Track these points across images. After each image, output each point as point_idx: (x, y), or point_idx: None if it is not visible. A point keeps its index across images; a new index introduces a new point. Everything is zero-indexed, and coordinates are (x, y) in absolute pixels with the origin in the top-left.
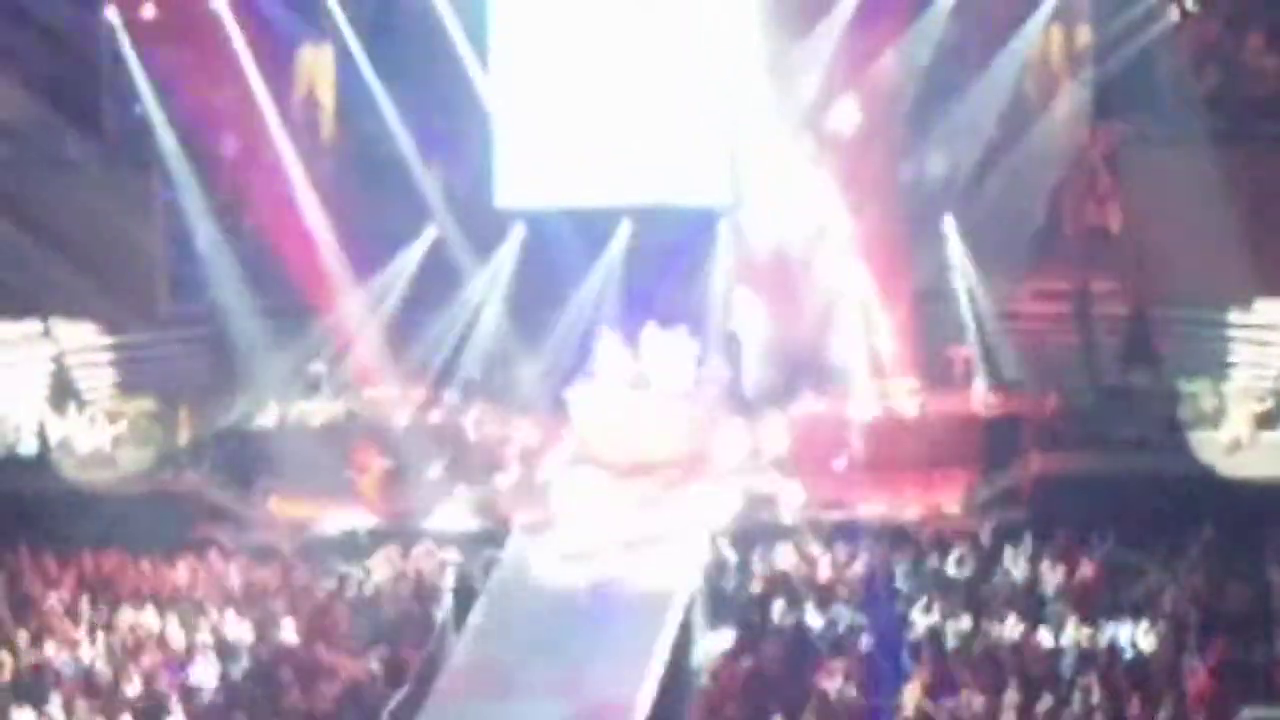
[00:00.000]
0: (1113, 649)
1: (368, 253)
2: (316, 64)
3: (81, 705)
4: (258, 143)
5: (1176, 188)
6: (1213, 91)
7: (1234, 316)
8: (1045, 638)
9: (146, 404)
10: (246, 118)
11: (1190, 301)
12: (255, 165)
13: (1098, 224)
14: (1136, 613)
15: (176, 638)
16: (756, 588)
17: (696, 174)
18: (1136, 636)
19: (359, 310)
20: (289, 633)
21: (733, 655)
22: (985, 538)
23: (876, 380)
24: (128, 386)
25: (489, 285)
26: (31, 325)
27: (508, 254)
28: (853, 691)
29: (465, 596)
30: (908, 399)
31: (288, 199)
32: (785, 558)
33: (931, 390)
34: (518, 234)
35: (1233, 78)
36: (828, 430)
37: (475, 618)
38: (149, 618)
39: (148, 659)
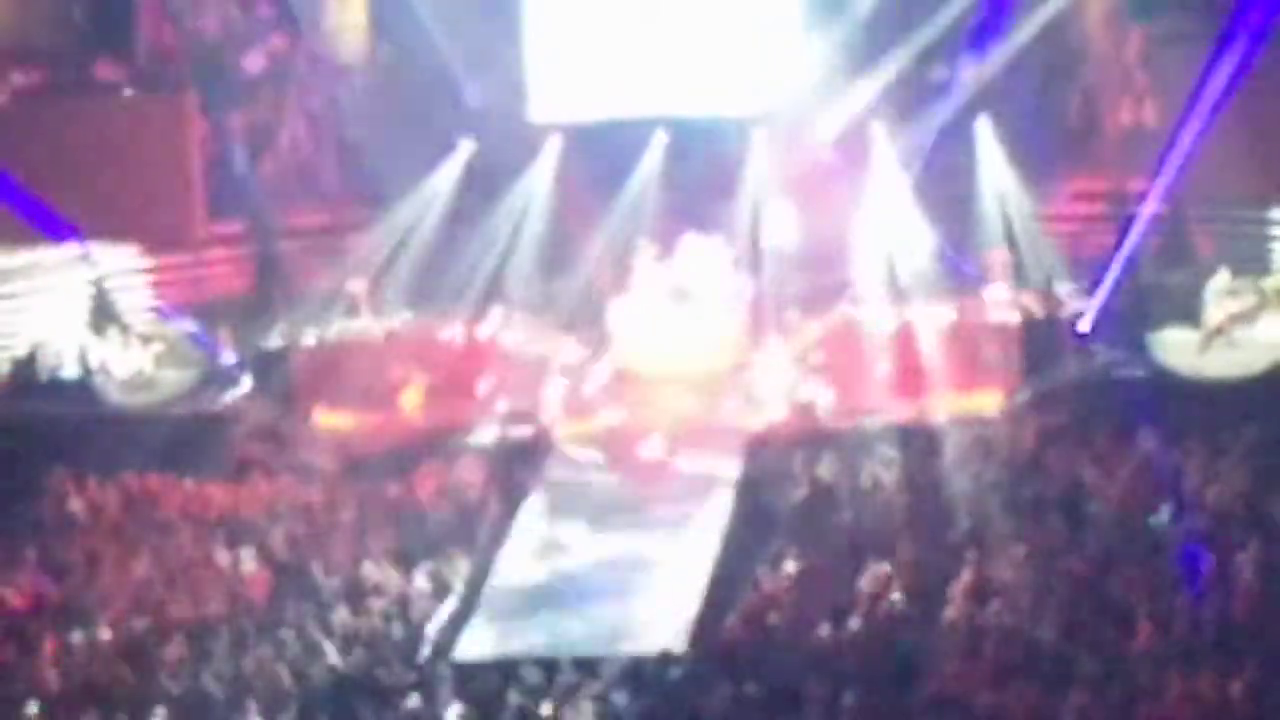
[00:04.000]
0: (1156, 549)
1: (403, 169)
2: None
3: (131, 627)
4: (292, 59)
5: (1212, 85)
6: None
7: (1273, 214)
8: (1088, 539)
9: (186, 325)
10: (280, 34)
11: (1229, 200)
12: (289, 82)
13: (1134, 123)
14: (1179, 514)
15: (222, 558)
16: (798, 495)
17: (732, 83)
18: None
19: (397, 227)
20: (334, 550)
21: (776, 562)
22: (1026, 441)
23: (913, 286)
24: (168, 308)
25: (526, 200)
26: (70, 249)
27: (544, 168)
28: (898, 595)
29: (509, 511)
30: (945, 304)
31: (322, 116)
32: (826, 465)
33: (969, 294)
34: (553, 147)
35: None
36: (865, 337)
37: (519, 532)
38: (194, 538)
39: (194, 580)
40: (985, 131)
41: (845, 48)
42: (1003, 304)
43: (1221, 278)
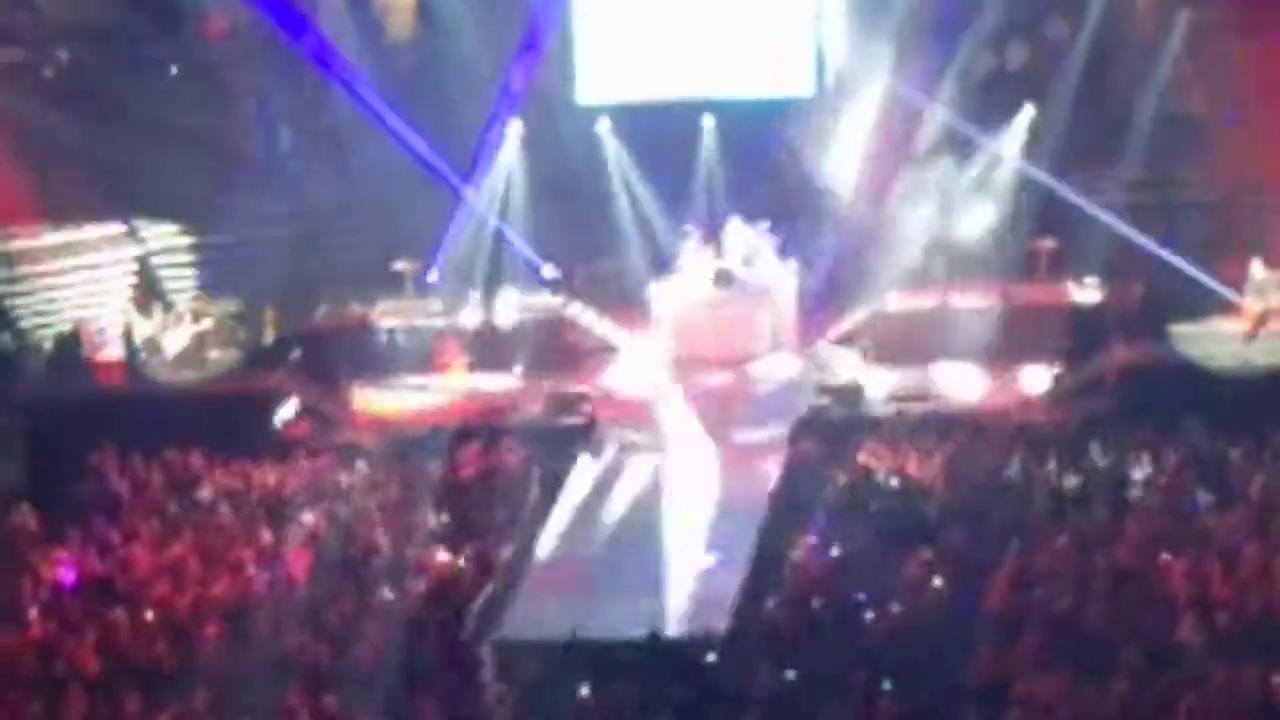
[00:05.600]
0: (1201, 538)
1: (449, 150)
2: None
3: (172, 606)
4: (340, 40)
5: (1260, 74)
6: None
7: None
8: (1132, 527)
9: (231, 304)
10: (328, 14)
11: (1275, 187)
12: (337, 62)
13: (1180, 111)
14: (1224, 503)
15: (264, 537)
16: (842, 479)
17: (780, 66)
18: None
19: (441, 208)
20: (376, 530)
21: (819, 547)
22: (1070, 428)
23: (959, 272)
24: (213, 287)
25: (571, 182)
26: (116, 227)
27: (591, 149)
28: (940, 582)
29: (551, 493)
30: (990, 291)
31: (370, 96)
32: (871, 449)
33: (1015, 282)
34: (602, 129)
35: None
36: (910, 323)
37: (561, 514)
38: (236, 517)
39: (236, 559)
40: (1031, 118)
41: (892, 31)
42: (1047, 292)
43: (1255, 268)
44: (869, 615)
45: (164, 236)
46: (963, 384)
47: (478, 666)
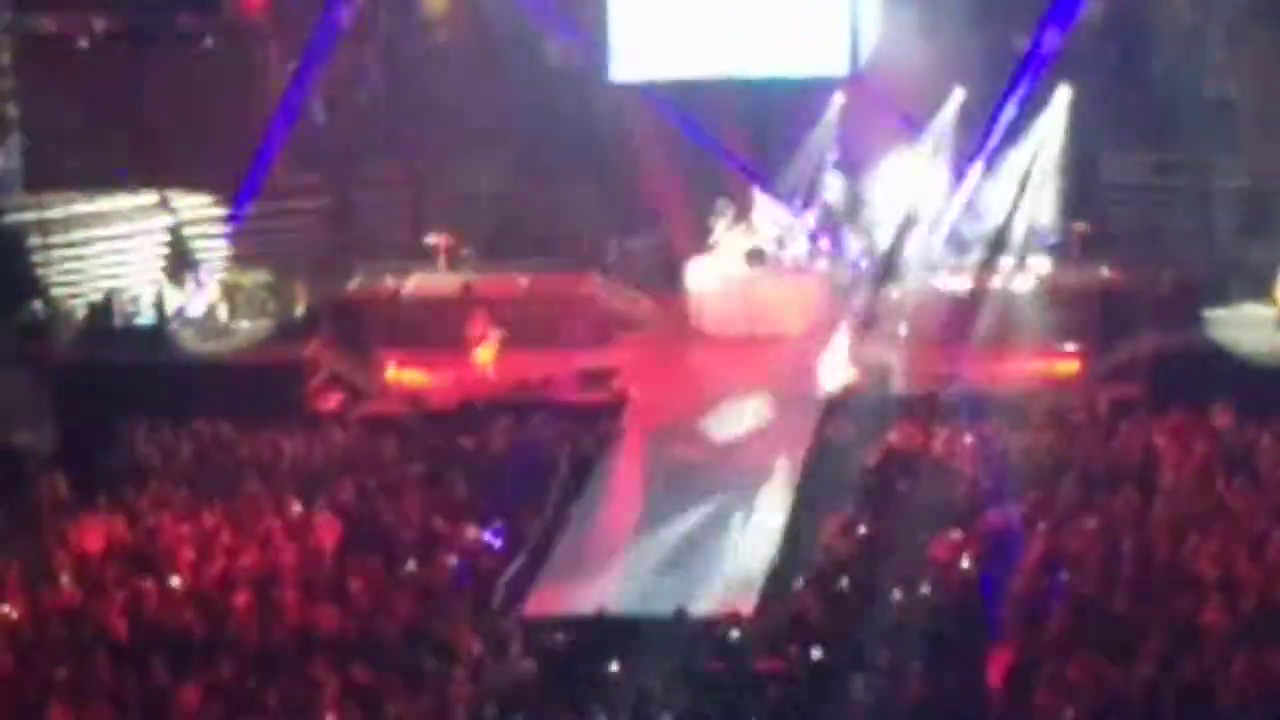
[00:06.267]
0: (1229, 521)
1: (481, 125)
2: None
3: (200, 575)
4: (373, 13)
5: None
6: None
7: None
8: (1160, 510)
9: (263, 275)
10: None
11: None
12: (370, 36)
13: (1217, 95)
14: (1254, 488)
15: (293, 508)
16: (871, 460)
17: (813, 45)
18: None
19: (474, 182)
20: (405, 502)
21: (847, 526)
22: (1101, 411)
23: (992, 254)
24: (244, 258)
25: (605, 157)
26: (148, 196)
27: (624, 125)
28: (968, 563)
29: (581, 469)
30: (1023, 273)
31: (401, 71)
32: (901, 430)
33: (1048, 265)
34: (634, 106)
35: None
36: (942, 303)
37: (591, 490)
38: (265, 488)
39: (264, 528)
40: (1066, 101)
41: (927, 12)
42: (1080, 275)
43: None
44: (897, 596)
45: (196, 207)
46: (994, 364)
47: (505, 641)
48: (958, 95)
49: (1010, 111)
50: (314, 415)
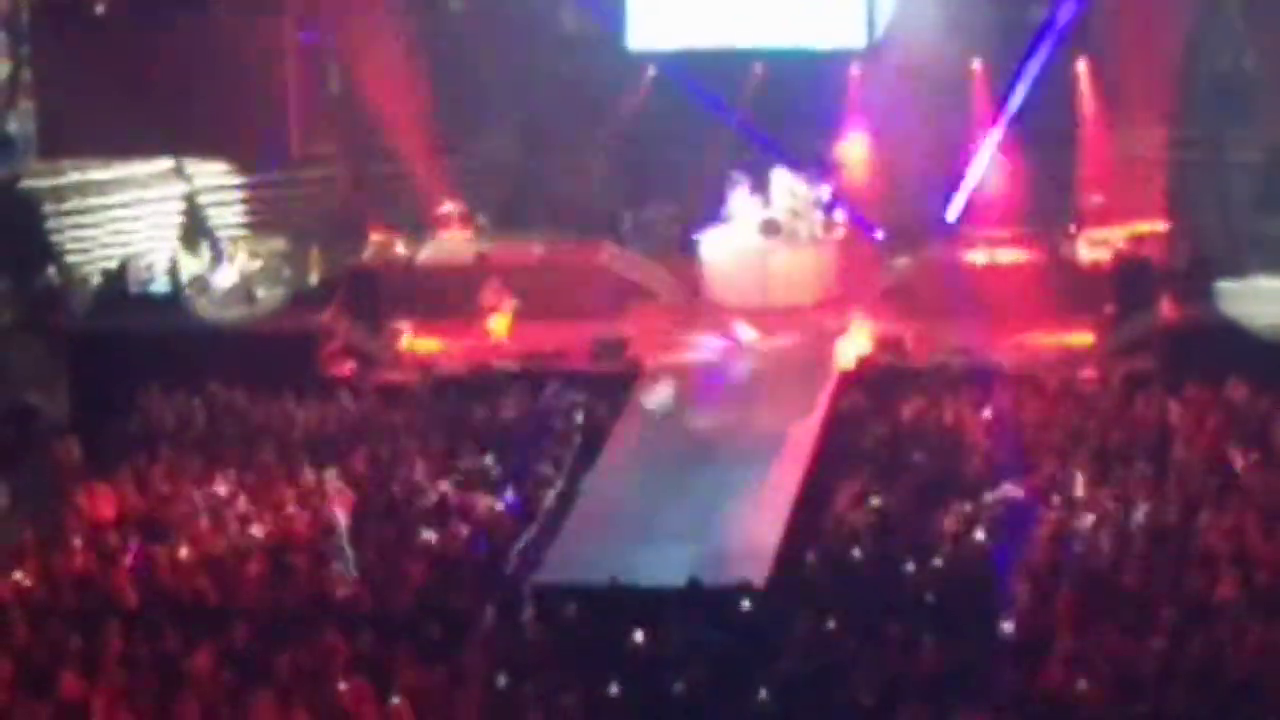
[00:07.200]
0: (1242, 496)
1: (497, 95)
2: None
3: (213, 542)
4: None
5: None
6: None
7: None
8: (1173, 485)
9: (278, 243)
10: None
11: None
12: (383, 6)
13: (1231, 69)
14: (1265, 462)
15: (307, 476)
16: (884, 432)
17: (829, 16)
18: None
19: (489, 152)
20: (418, 471)
21: (860, 499)
22: (1115, 385)
23: (1006, 226)
24: (259, 226)
25: (620, 126)
26: (164, 164)
27: (640, 95)
28: (981, 536)
29: (594, 438)
30: (1037, 245)
31: (417, 41)
32: (914, 402)
33: (1063, 237)
34: (649, 76)
35: None
36: (956, 276)
37: (604, 459)
38: (279, 456)
39: (278, 497)
40: (1083, 73)
41: None
42: (1095, 247)
43: None
44: (909, 567)
45: (211, 174)
46: (1007, 336)
47: (518, 609)
48: (975, 66)
49: (1026, 83)
50: (328, 383)
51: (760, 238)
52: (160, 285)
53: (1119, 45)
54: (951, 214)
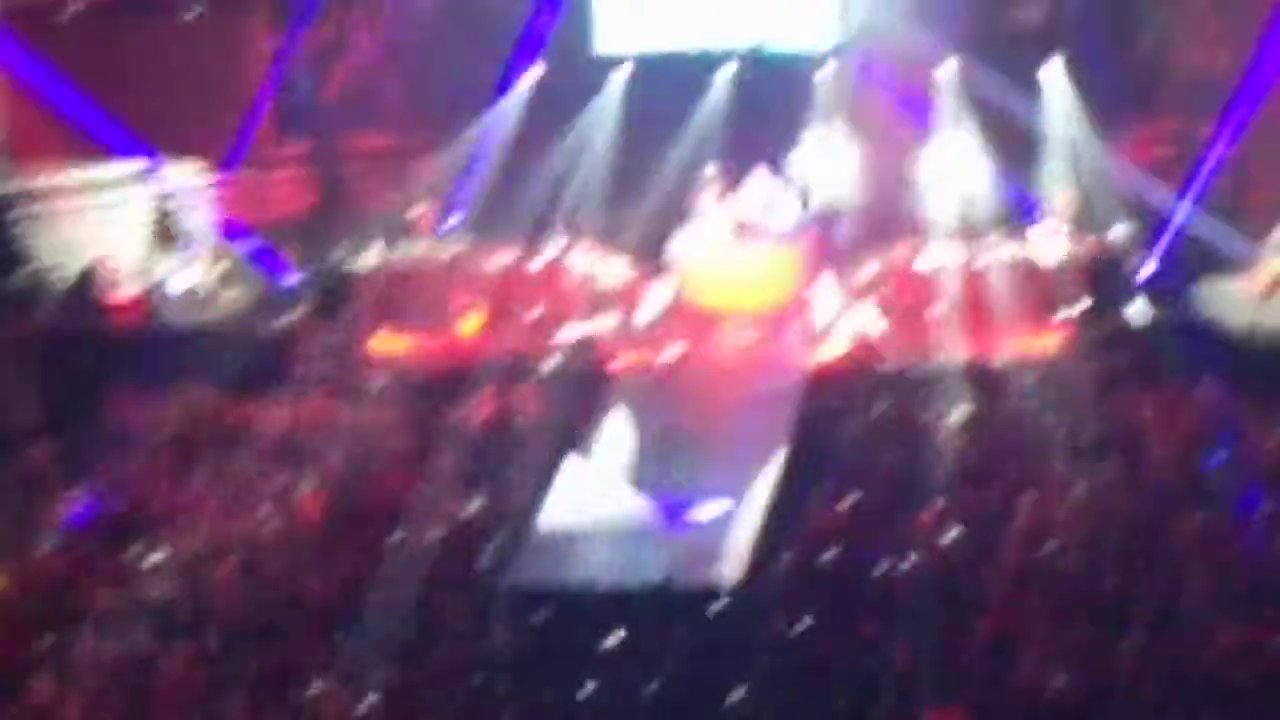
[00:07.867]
0: (1215, 497)
1: (468, 98)
2: None
3: (184, 544)
4: None
5: None
6: None
7: None
8: (1146, 485)
9: (249, 245)
10: None
11: None
12: (356, 7)
13: (1206, 67)
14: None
15: (279, 478)
16: (856, 433)
17: (804, 16)
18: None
19: (460, 154)
20: (390, 474)
21: (831, 500)
22: (1086, 384)
23: (978, 227)
24: (230, 227)
25: (590, 129)
26: (132, 165)
27: (610, 98)
28: (955, 535)
29: (566, 440)
30: (1009, 246)
31: (388, 43)
32: (885, 403)
33: (1035, 237)
34: (620, 78)
35: None
36: (928, 276)
37: (575, 461)
38: (251, 458)
39: (250, 499)
40: (1057, 72)
41: None
42: (1068, 247)
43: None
44: (881, 568)
45: (182, 176)
46: (981, 336)
47: (489, 612)
48: (951, 65)
49: (1002, 81)
50: (300, 385)
51: (732, 239)
52: (130, 287)
53: (1091, 45)
54: (924, 215)
